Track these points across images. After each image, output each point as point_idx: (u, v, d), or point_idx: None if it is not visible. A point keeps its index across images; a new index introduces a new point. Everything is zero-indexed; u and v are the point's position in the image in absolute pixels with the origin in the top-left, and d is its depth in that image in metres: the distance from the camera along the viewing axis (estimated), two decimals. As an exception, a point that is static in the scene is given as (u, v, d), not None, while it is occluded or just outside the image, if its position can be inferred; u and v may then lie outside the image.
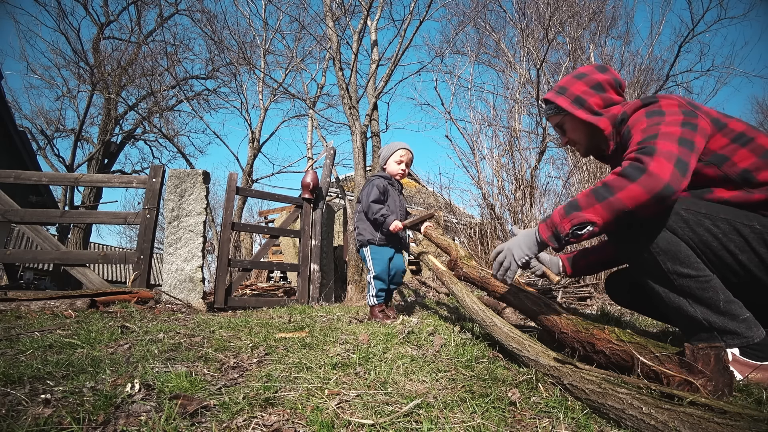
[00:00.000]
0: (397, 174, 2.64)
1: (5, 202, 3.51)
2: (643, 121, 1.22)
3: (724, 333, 1.13)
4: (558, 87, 1.52)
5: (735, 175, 1.17)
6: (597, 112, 1.42)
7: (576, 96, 1.44)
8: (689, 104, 1.23)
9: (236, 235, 10.22)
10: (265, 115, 13.68)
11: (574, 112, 1.43)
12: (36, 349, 1.43)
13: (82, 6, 12.48)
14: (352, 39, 6.85)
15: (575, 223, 1.14)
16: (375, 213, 2.45)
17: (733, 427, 0.69)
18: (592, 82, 1.44)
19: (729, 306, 1.13)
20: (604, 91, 1.43)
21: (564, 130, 1.54)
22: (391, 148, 2.66)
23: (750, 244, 1.12)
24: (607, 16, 9.63)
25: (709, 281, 1.15)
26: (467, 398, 1.00)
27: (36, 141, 13.48)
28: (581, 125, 1.46)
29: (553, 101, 1.50)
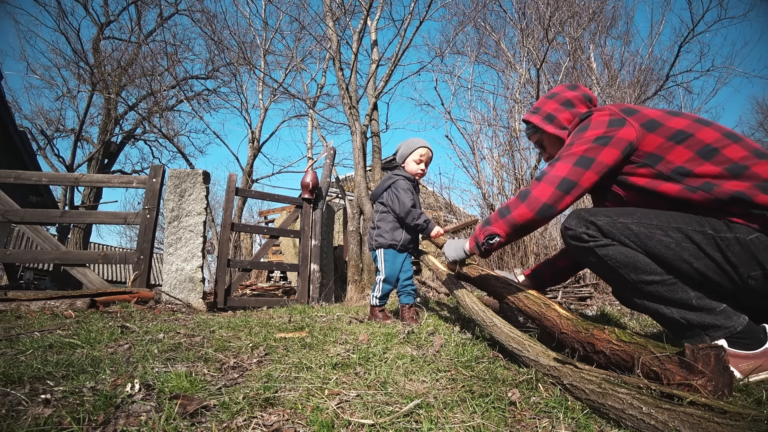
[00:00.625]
0: (417, 174, 2.49)
1: (5, 202, 3.51)
2: (569, 139, 1.38)
3: (705, 328, 1.15)
4: (533, 108, 1.69)
5: (669, 173, 1.20)
6: (565, 127, 1.57)
7: (547, 113, 1.61)
8: (623, 111, 1.29)
9: (236, 235, 10.22)
10: (265, 115, 13.70)
11: (545, 128, 1.61)
12: (36, 349, 1.43)
13: (82, 6, 12.50)
14: (352, 39, 6.85)
15: (486, 234, 1.42)
16: (416, 218, 2.34)
17: (733, 427, 0.69)
18: (561, 100, 1.61)
19: (702, 301, 1.15)
20: (573, 107, 1.59)
21: (544, 147, 1.70)
22: (410, 146, 2.49)
23: (704, 251, 1.14)
24: (607, 16, 9.64)
25: (676, 283, 1.18)
26: (467, 398, 1.00)
27: (36, 141, 13.49)
28: (555, 140, 1.61)
29: (528, 120, 1.67)
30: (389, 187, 2.46)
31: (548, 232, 5.21)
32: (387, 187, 2.48)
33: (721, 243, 1.12)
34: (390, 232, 2.41)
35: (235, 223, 7.40)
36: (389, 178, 2.50)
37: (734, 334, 1.12)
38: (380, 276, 2.42)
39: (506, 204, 1.42)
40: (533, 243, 5.00)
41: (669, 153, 1.20)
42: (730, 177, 1.12)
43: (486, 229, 1.43)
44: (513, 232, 1.39)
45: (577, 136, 1.33)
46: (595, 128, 1.30)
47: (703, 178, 1.15)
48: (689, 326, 1.17)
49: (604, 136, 1.26)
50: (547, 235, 5.15)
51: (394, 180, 2.47)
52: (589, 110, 1.38)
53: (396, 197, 2.39)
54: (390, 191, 2.45)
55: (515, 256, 5.11)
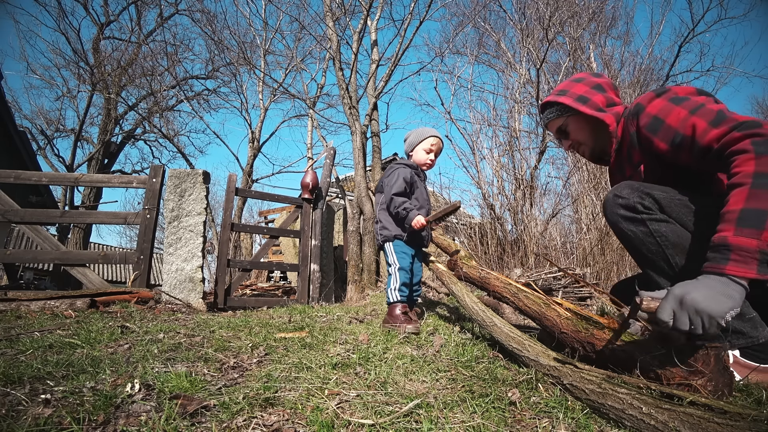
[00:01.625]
0: (425, 164, 2.34)
1: (5, 202, 3.51)
2: (675, 109, 1.13)
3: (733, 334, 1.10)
4: (557, 90, 1.51)
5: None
6: (601, 109, 1.40)
7: (579, 95, 1.43)
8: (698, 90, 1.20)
9: (236, 236, 10.22)
10: (265, 115, 13.71)
11: (580, 108, 1.40)
12: (36, 349, 1.43)
13: (82, 6, 12.50)
14: (352, 39, 6.86)
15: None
16: (397, 206, 2.15)
17: (733, 427, 0.69)
18: (592, 84, 1.45)
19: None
20: (605, 91, 1.43)
21: (567, 133, 1.51)
22: (420, 134, 2.35)
23: None
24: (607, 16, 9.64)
25: None
26: (467, 398, 1.00)
27: (36, 141, 13.50)
28: (586, 124, 1.44)
29: (556, 102, 1.48)
30: (387, 175, 2.33)
31: (548, 232, 5.21)
32: (387, 176, 2.34)
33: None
34: (390, 224, 2.25)
35: (235, 223, 7.40)
36: (391, 167, 2.37)
37: (754, 345, 1.09)
38: (394, 266, 2.18)
39: (751, 172, 0.91)
40: (533, 243, 5.00)
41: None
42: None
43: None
44: None
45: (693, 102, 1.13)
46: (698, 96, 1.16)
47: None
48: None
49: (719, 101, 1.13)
50: (547, 235, 5.16)
51: (395, 168, 2.31)
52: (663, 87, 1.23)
53: (387, 185, 2.25)
54: (385, 179, 2.32)
55: (515, 256, 5.11)
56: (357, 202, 6.03)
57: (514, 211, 5.44)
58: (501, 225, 5.60)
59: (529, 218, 5.24)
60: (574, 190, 5.37)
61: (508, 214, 5.64)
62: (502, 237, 5.48)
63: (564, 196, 5.66)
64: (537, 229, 5.12)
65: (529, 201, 5.41)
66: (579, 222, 5.07)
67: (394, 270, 2.16)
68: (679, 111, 1.13)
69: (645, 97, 1.26)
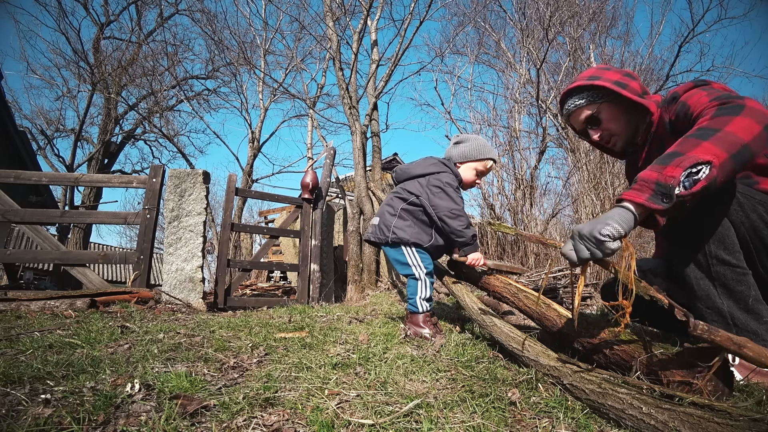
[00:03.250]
0: (469, 184, 2.03)
1: (5, 202, 3.51)
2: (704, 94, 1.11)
3: (743, 332, 1.09)
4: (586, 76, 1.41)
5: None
6: (641, 95, 1.34)
7: (616, 80, 1.35)
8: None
9: (236, 236, 10.22)
10: (265, 115, 13.71)
11: (622, 92, 1.31)
12: (36, 349, 1.43)
13: (82, 6, 12.51)
14: (352, 39, 6.85)
15: (686, 165, 0.90)
16: (465, 227, 1.84)
17: (733, 427, 0.69)
18: (622, 71, 1.39)
19: (757, 305, 1.10)
20: (636, 79, 1.38)
21: (599, 121, 1.40)
22: (482, 150, 2.01)
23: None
24: (607, 16, 9.65)
25: (746, 274, 1.11)
26: (467, 398, 1.00)
27: (36, 141, 13.50)
28: (621, 112, 1.36)
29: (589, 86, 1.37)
30: (429, 177, 1.95)
31: (548, 231, 5.21)
32: (425, 174, 1.96)
33: None
34: (411, 228, 1.91)
35: (235, 223, 7.40)
36: (433, 164, 1.98)
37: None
38: (420, 271, 1.88)
39: (697, 127, 0.98)
40: (533, 243, 4.99)
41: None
42: None
43: (680, 160, 0.92)
44: (732, 159, 0.91)
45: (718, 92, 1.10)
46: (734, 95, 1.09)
47: None
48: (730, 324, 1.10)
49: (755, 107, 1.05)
50: (547, 235, 5.16)
51: (440, 171, 1.94)
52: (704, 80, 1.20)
53: (442, 191, 1.88)
54: (430, 182, 1.93)
55: (515, 255, 5.12)
56: (357, 202, 6.04)
57: (514, 211, 5.45)
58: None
59: (529, 218, 5.24)
60: (574, 190, 5.37)
61: (508, 214, 5.64)
62: (502, 237, 5.48)
63: (564, 196, 5.67)
64: (537, 229, 5.12)
65: (529, 201, 5.41)
66: (579, 222, 5.07)
67: (421, 275, 1.88)
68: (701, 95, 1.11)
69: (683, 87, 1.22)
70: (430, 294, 1.88)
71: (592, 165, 5.02)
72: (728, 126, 0.93)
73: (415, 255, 1.91)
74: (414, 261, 1.90)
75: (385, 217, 1.97)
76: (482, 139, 2.07)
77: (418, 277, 1.88)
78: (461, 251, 1.91)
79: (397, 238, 1.90)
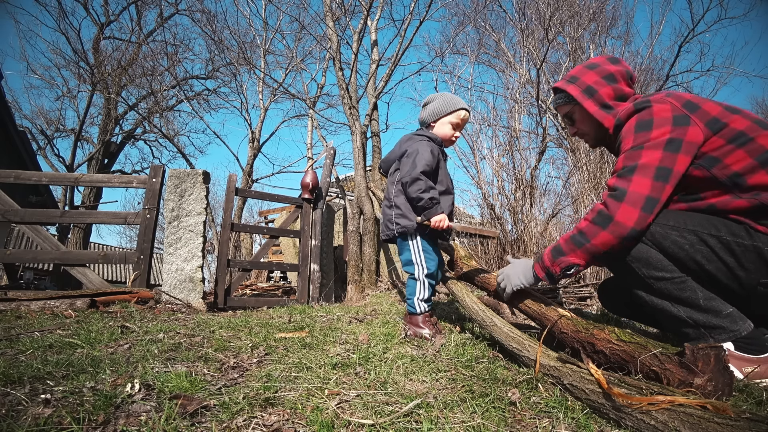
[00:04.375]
0: (449, 140, 1.98)
1: (5, 202, 3.51)
2: (630, 138, 1.25)
3: (710, 329, 1.15)
4: (569, 76, 1.51)
5: (725, 178, 1.14)
6: (607, 104, 1.42)
7: (587, 85, 1.44)
8: (685, 106, 1.19)
9: (236, 236, 10.22)
10: (265, 115, 13.70)
11: (583, 103, 1.44)
12: (36, 349, 1.43)
13: (82, 6, 12.50)
14: (352, 39, 6.85)
15: (563, 265, 1.33)
16: (421, 190, 1.77)
17: (733, 427, 0.69)
18: (603, 73, 1.44)
19: (710, 302, 1.16)
20: (616, 82, 1.42)
21: (573, 120, 1.54)
22: (449, 103, 1.95)
23: (717, 254, 1.14)
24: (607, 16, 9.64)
25: (685, 281, 1.18)
26: (467, 398, 1.00)
27: (36, 141, 13.49)
28: (590, 117, 1.46)
29: (563, 89, 1.50)
30: (407, 147, 1.92)
31: (548, 231, 5.21)
32: (403, 151, 1.93)
33: (736, 248, 1.12)
34: (410, 211, 1.87)
35: (235, 223, 7.40)
36: (409, 139, 1.96)
37: (739, 338, 1.13)
38: (419, 270, 1.85)
39: (578, 230, 1.29)
40: (533, 243, 5.00)
41: (728, 157, 1.13)
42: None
43: (561, 260, 1.32)
44: (593, 259, 1.29)
45: (643, 136, 1.21)
46: (660, 126, 1.19)
47: (754, 189, 1.11)
48: (695, 326, 1.17)
49: (674, 139, 1.16)
50: (547, 236, 5.16)
51: (416, 140, 1.91)
52: (647, 101, 1.25)
53: (407, 160, 1.85)
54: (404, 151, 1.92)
55: (515, 256, 5.11)
56: (357, 202, 6.03)
57: (514, 211, 5.44)
58: (501, 225, 5.59)
59: (529, 218, 5.24)
60: (574, 190, 5.37)
61: (508, 214, 5.64)
62: (502, 237, 5.48)
63: (564, 196, 5.66)
64: (537, 229, 5.12)
65: (529, 201, 5.41)
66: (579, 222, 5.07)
67: (420, 275, 1.84)
68: (628, 141, 1.26)
69: (625, 111, 1.32)
70: (428, 295, 1.86)
71: (592, 165, 5.02)
72: (595, 239, 1.25)
73: (419, 251, 1.86)
74: (417, 258, 1.86)
75: (385, 211, 1.98)
76: (449, 94, 2.02)
77: (417, 277, 1.86)
78: (422, 215, 1.83)
79: (402, 227, 1.86)
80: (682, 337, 1.23)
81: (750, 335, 1.12)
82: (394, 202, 1.91)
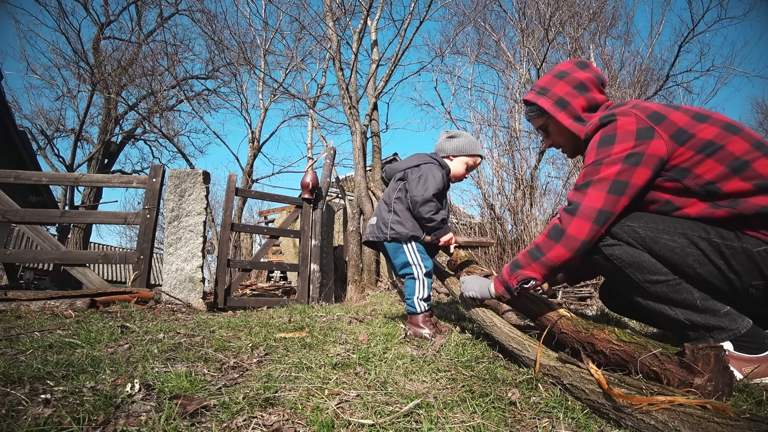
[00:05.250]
0: (459, 177, 2.09)
1: (5, 202, 3.51)
2: (592, 153, 1.26)
3: (709, 329, 1.15)
4: (539, 87, 1.48)
5: (698, 188, 1.14)
6: (580, 117, 1.41)
7: (559, 97, 1.42)
8: (651, 117, 1.18)
9: (236, 236, 10.22)
10: (265, 115, 13.69)
11: (557, 116, 1.43)
12: (36, 349, 1.43)
13: (82, 6, 12.50)
14: (352, 39, 6.85)
15: (520, 278, 1.35)
16: (432, 212, 1.87)
17: (733, 427, 0.69)
18: (574, 82, 1.41)
19: (706, 303, 1.16)
20: (588, 91, 1.41)
21: (548, 132, 1.52)
22: (472, 146, 2.07)
23: (708, 257, 1.14)
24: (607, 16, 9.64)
25: (680, 283, 1.18)
26: (467, 398, 1.00)
27: (36, 141, 13.49)
28: (565, 129, 1.45)
29: (534, 102, 1.47)
30: (415, 168, 1.98)
31: (548, 232, 5.20)
32: (415, 165, 1.99)
33: (726, 251, 1.12)
34: (408, 220, 1.93)
35: (235, 223, 7.40)
36: (423, 158, 2.03)
37: (738, 337, 1.13)
38: (418, 270, 1.89)
39: (535, 244, 1.32)
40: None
41: (698, 167, 1.13)
42: (758, 192, 1.09)
43: (518, 273, 1.34)
44: (549, 273, 1.31)
45: (604, 151, 1.21)
46: (622, 140, 1.18)
47: (731, 197, 1.11)
48: (694, 327, 1.17)
49: (634, 153, 1.16)
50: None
51: (429, 162, 1.99)
52: (612, 114, 1.24)
53: (419, 179, 1.91)
54: (413, 172, 1.97)
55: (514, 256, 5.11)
56: (357, 202, 6.04)
57: (514, 211, 5.44)
58: (501, 225, 5.59)
59: (529, 218, 5.23)
60: (574, 190, 5.36)
61: (508, 214, 5.64)
62: (502, 237, 5.48)
63: (564, 196, 5.66)
64: (537, 229, 5.11)
65: (529, 201, 5.40)
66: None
67: (419, 274, 1.89)
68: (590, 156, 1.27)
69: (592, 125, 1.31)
70: (428, 294, 1.88)
71: (592, 165, 5.01)
72: (549, 253, 1.27)
73: (415, 252, 1.91)
74: (414, 259, 1.90)
75: (382, 214, 2.00)
76: (473, 137, 2.14)
77: (416, 276, 1.88)
78: (432, 235, 1.94)
79: (396, 234, 1.91)
80: (682, 338, 1.22)
81: (749, 333, 1.12)
82: (393, 208, 1.97)
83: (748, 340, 1.12)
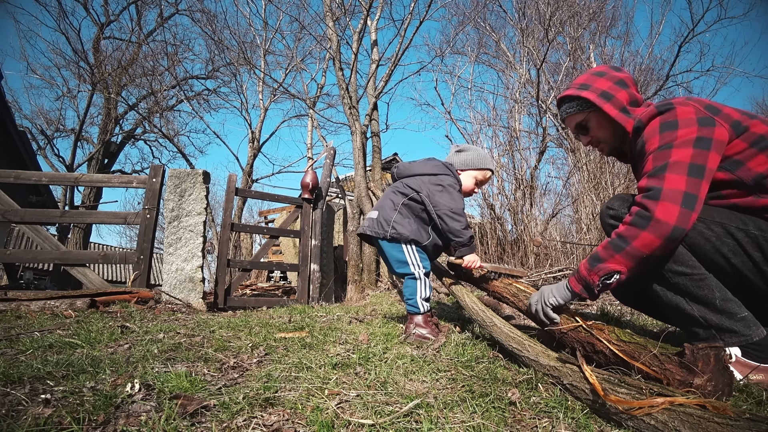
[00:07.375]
0: (468, 192, 2.06)
1: (5, 202, 3.51)
2: (655, 138, 1.20)
3: (722, 331, 1.14)
4: (578, 84, 1.47)
5: (750, 180, 1.14)
6: (625, 109, 1.39)
7: (602, 90, 1.40)
8: (707, 109, 1.19)
9: (236, 236, 10.22)
10: (265, 115, 13.71)
11: (603, 106, 1.38)
12: (36, 349, 1.43)
13: (82, 6, 12.50)
14: (352, 39, 6.86)
15: (603, 273, 1.21)
16: (464, 228, 1.86)
17: (733, 427, 0.69)
18: (614, 79, 1.42)
19: (726, 304, 1.14)
20: (628, 87, 1.41)
21: (588, 128, 1.49)
22: (482, 160, 2.06)
23: (744, 248, 1.13)
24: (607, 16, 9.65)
25: (705, 279, 1.16)
26: (467, 398, 1.00)
27: (36, 141, 13.50)
28: (608, 122, 1.42)
29: (577, 96, 1.44)
30: (431, 176, 1.96)
31: (548, 232, 5.21)
32: (428, 174, 1.97)
33: (764, 243, 1.11)
34: (411, 224, 1.90)
35: (235, 223, 7.40)
36: (436, 165, 2.00)
37: (749, 344, 1.12)
38: (417, 270, 1.87)
39: (617, 233, 1.20)
40: (533, 243, 4.99)
41: (751, 160, 1.14)
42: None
43: (599, 267, 1.21)
44: (637, 265, 1.18)
45: (669, 135, 1.17)
46: (685, 126, 1.16)
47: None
48: (706, 326, 1.16)
49: (703, 138, 1.13)
50: (547, 235, 5.16)
51: (443, 173, 1.96)
52: (669, 103, 1.22)
53: (444, 190, 1.89)
54: (432, 181, 1.94)
55: (515, 256, 5.12)
56: (357, 202, 6.04)
57: (514, 211, 5.44)
58: (501, 225, 5.59)
59: (529, 218, 5.24)
60: (574, 190, 5.37)
61: (508, 214, 5.64)
62: (502, 237, 5.48)
63: (564, 196, 5.66)
64: (537, 229, 5.12)
65: (529, 201, 5.41)
66: (579, 222, 5.07)
67: (420, 275, 1.87)
68: (653, 141, 1.21)
69: (647, 113, 1.27)
70: (429, 294, 1.87)
71: (592, 165, 5.02)
72: (635, 241, 1.16)
73: (414, 254, 1.89)
74: (413, 260, 1.88)
75: (385, 211, 1.95)
76: (484, 151, 2.12)
77: (417, 276, 1.86)
78: (457, 252, 1.91)
79: (397, 234, 1.88)
80: (691, 336, 1.21)
81: (762, 342, 1.11)
82: (399, 209, 1.92)
83: (758, 348, 1.11)
